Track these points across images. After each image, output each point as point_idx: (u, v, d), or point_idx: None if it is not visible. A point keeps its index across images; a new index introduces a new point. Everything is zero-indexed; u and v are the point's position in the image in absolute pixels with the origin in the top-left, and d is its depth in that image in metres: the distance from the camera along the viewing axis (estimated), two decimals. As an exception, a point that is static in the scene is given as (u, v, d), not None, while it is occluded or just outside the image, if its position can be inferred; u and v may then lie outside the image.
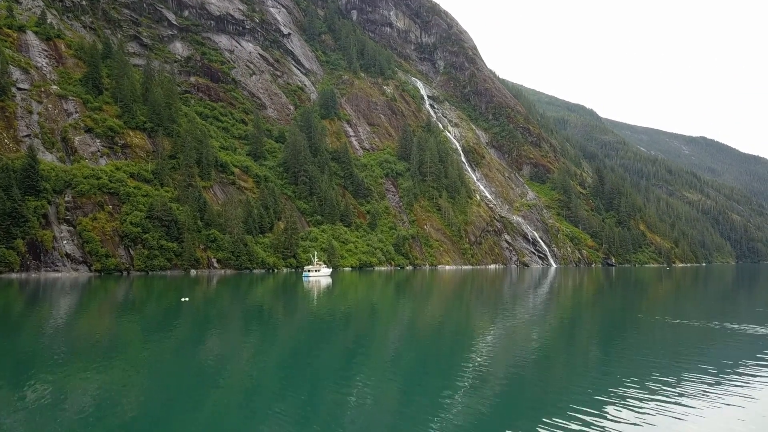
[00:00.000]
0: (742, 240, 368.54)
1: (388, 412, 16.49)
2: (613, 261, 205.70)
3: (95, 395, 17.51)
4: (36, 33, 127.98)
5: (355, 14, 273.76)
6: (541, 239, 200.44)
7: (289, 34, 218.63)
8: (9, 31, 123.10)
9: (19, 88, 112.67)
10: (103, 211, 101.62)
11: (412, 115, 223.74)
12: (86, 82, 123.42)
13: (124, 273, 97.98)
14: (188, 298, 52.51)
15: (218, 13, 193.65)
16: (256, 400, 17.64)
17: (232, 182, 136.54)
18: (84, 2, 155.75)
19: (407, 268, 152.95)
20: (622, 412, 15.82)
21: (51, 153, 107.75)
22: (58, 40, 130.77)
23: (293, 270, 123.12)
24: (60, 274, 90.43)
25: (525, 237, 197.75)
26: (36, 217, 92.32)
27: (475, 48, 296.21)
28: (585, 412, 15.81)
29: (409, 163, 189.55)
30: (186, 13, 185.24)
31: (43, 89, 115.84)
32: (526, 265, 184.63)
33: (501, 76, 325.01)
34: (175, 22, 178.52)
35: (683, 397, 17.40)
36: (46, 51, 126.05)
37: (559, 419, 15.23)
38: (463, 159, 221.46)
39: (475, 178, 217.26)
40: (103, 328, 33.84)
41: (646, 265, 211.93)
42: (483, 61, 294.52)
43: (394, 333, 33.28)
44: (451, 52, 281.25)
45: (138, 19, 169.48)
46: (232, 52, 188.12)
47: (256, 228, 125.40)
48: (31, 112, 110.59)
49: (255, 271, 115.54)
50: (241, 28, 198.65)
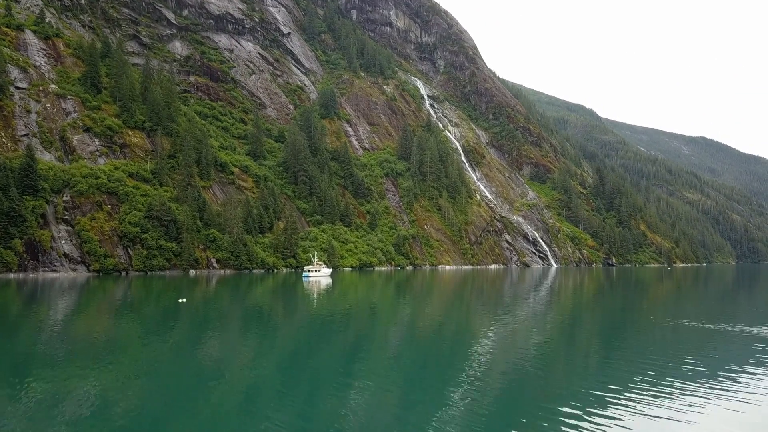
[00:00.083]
0: (743, 240, 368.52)
1: (388, 413, 16.44)
2: (614, 261, 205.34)
3: (93, 396, 17.41)
4: (34, 32, 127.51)
5: (354, 14, 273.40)
6: (542, 239, 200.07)
7: (289, 34, 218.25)
8: (7, 29, 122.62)
9: (18, 87, 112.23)
10: (102, 211, 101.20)
11: (412, 115, 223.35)
12: (85, 82, 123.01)
13: (123, 273, 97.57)
14: (186, 299, 52.05)
15: (218, 13, 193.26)
16: (256, 401, 17.55)
17: (231, 182, 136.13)
18: (83, 1, 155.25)
19: (407, 268, 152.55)
20: (623, 413, 15.84)
21: (49, 152, 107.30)
22: (56, 39, 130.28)
23: (293, 270, 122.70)
24: (58, 275, 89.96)
25: (525, 237, 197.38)
26: (34, 217, 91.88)
27: (475, 47, 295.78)
28: (585, 413, 15.83)
29: (409, 162, 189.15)
30: (185, 13, 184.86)
31: (41, 88, 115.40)
32: (527, 265, 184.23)
33: (501, 76, 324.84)
34: (174, 22, 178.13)
35: (683, 398, 17.41)
36: (45, 50, 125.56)
37: (559, 419, 15.24)
38: (464, 159, 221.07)
39: (476, 178, 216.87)
40: (101, 328, 33.49)
41: (647, 266, 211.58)
42: (483, 61, 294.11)
43: (394, 333, 33.02)
44: (451, 52, 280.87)
45: (137, 18, 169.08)
46: (231, 51, 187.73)
47: (256, 228, 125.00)
48: (29, 112, 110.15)
49: (254, 272, 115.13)
50: (240, 28, 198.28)
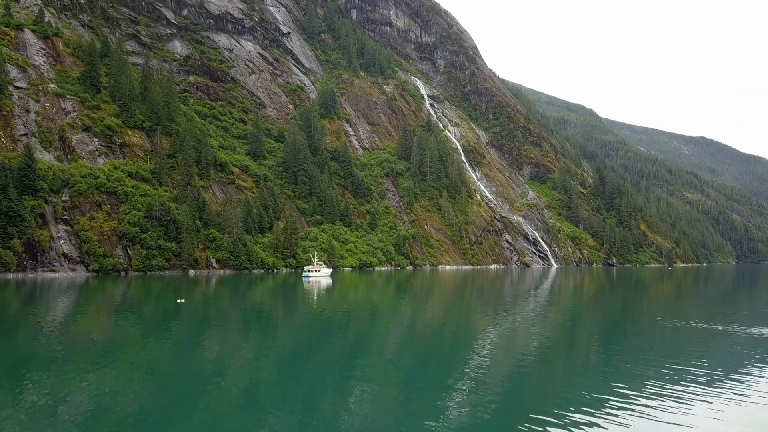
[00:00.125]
0: (743, 240, 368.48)
1: (388, 413, 16.36)
2: (614, 261, 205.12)
3: (92, 397, 17.31)
4: (34, 31, 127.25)
5: (354, 13, 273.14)
6: (542, 239, 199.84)
7: (289, 33, 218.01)
8: (6, 29, 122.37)
9: (17, 87, 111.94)
10: (101, 211, 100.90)
11: (412, 115, 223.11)
12: (84, 81, 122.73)
13: (122, 273, 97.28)
14: (185, 299, 51.79)
15: (217, 12, 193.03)
16: (256, 401, 17.46)
17: (231, 182, 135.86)
18: (82, 1, 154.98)
19: (407, 268, 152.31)
20: (623, 413, 15.83)
21: (48, 152, 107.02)
22: (56, 39, 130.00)
23: (293, 270, 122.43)
24: (57, 275, 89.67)
25: (526, 237, 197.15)
26: (33, 217, 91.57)
27: (475, 47, 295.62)
28: (585, 413, 15.80)
29: (409, 162, 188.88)
30: (185, 12, 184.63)
31: (40, 88, 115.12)
32: (527, 265, 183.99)
33: (501, 76, 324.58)
34: (174, 21, 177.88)
35: (684, 398, 17.35)
36: (44, 49, 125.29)
37: (559, 419, 15.17)
38: (464, 159, 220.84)
39: (476, 178, 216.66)
40: (99, 329, 33.28)
41: (647, 266, 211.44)
42: (483, 61, 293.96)
43: (394, 334, 32.88)
44: (451, 52, 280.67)
45: (137, 18, 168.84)
46: (231, 51, 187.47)
47: (256, 228, 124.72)
48: (28, 111, 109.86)
49: (254, 272, 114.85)
50: (240, 27, 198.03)
